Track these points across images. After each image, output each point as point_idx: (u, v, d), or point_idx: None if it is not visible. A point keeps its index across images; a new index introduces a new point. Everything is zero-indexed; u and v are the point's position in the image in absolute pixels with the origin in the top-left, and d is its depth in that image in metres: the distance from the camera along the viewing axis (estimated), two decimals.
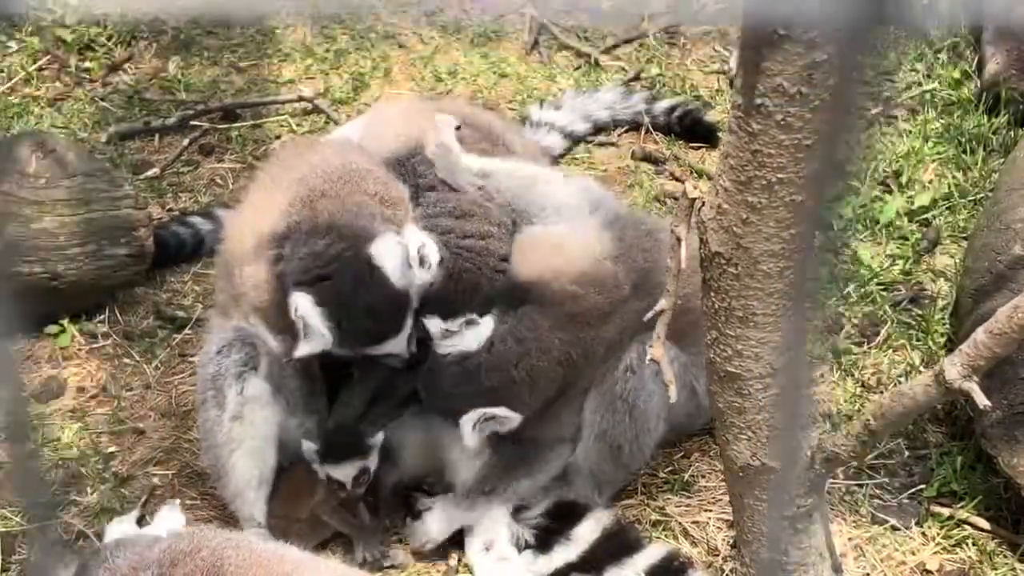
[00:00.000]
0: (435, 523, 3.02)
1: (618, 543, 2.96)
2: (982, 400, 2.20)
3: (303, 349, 2.85)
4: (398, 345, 2.92)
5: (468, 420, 2.84)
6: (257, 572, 2.34)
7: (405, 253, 2.91)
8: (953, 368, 2.24)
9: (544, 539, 3.02)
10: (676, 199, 3.69)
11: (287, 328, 2.96)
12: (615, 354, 3.00)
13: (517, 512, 3.03)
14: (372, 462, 2.98)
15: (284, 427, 3.04)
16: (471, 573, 3.00)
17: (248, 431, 2.98)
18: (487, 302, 2.99)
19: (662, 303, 2.48)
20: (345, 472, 2.95)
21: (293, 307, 2.84)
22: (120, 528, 2.66)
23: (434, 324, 2.90)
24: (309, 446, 2.98)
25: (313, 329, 2.82)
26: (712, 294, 2.31)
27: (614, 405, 3.00)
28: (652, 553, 2.93)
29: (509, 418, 2.88)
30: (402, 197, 3.09)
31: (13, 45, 4.58)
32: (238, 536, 2.57)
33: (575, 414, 3.06)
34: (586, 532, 2.99)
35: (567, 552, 2.98)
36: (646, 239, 3.09)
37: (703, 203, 2.28)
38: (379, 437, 2.99)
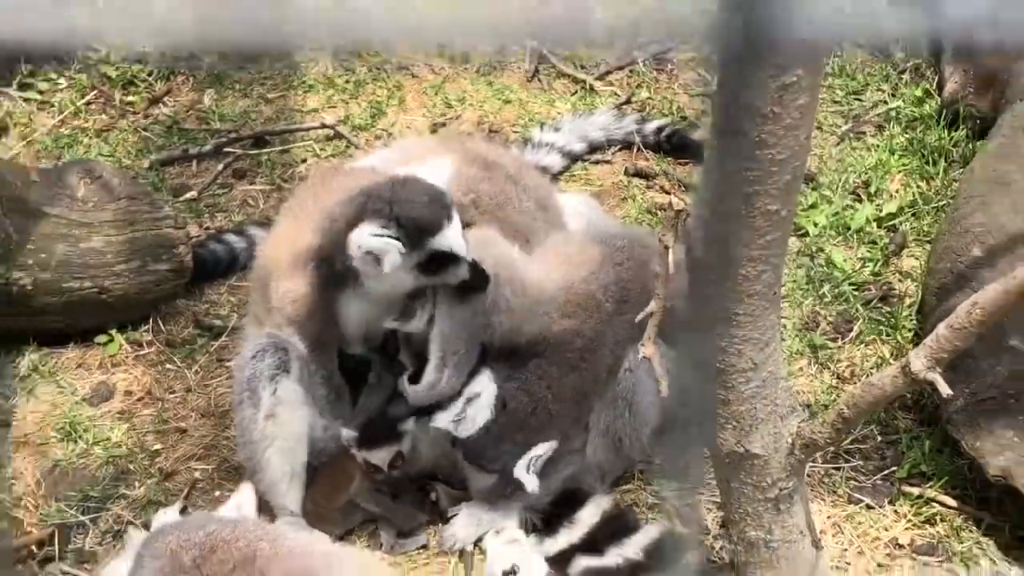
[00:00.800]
0: (462, 529, 3.04)
1: (617, 525, 2.96)
2: (945, 389, 2.20)
3: (387, 267, 2.81)
4: (456, 239, 2.84)
5: (520, 469, 2.87)
6: (284, 562, 2.35)
7: None
8: (918, 360, 2.24)
9: (550, 523, 3.02)
10: (665, 210, 3.70)
11: (320, 336, 2.97)
12: (617, 364, 3.00)
13: None
14: (405, 447, 2.99)
15: (313, 426, 3.04)
16: (484, 554, 3.00)
17: (281, 429, 2.98)
18: (484, 366, 2.95)
19: (652, 305, 2.47)
20: (381, 456, 2.97)
21: (356, 246, 2.80)
22: (165, 518, 2.65)
23: (442, 419, 2.90)
24: (348, 433, 2.99)
25: (382, 248, 2.78)
26: (697, 297, 2.31)
27: (615, 403, 3.01)
28: (648, 534, 2.93)
29: (550, 448, 2.89)
30: None
31: (63, 82, 4.59)
32: (274, 529, 2.57)
33: (584, 430, 3.05)
34: (588, 516, 2.99)
35: (571, 534, 2.98)
36: (630, 251, 3.08)
37: (688, 214, 2.28)
38: (410, 423, 2.98)
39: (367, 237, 2.78)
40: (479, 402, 2.87)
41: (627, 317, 2.91)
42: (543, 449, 2.88)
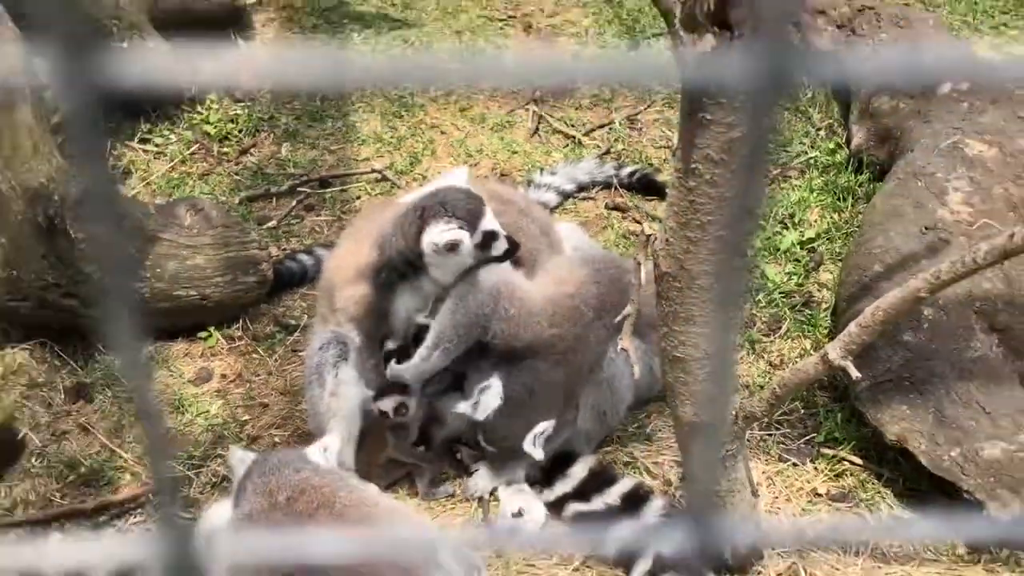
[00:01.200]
0: (481, 480, 3.03)
1: (600, 478, 2.95)
2: (854, 373, 2.20)
3: (463, 252, 2.86)
4: (494, 220, 2.91)
5: (528, 443, 2.86)
6: (356, 509, 2.33)
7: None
8: (833, 351, 2.24)
9: (548, 477, 3.01)
10: (636, 236, 3.69)
11: (373, 331, 2.98)
12: (598, 359, 3.00)
13: None
14: (410, 401, 2.97)
15: (365, 401, 3.04)
16: (497, 501, 3.00)
17: (341, 404, 2.98)
18: (493, 365, 2.93)
19: (628, 309, 2.47)
20: (386, 404, 2.96)
21: (430, 245, 2.83)
22: (241, 455, 2.56)
23: (462, 406, 2.89)
24: (368, 393, 3.00)
25: (455, 239, 2.82)
26: (663, 302, 2.31)
27: (599, 385, 3.01)
28: (624, 485, 2.92)
29: (549, 426, 2.88)
30: None
31: (173, 137, 4.61)
32: (351, 482, 2.53)
33: (575, 407, 3.04)
34: (578, 471, 2.98)
35: (564, 485, 2.97)
36: (608, 270, 3.08)
37: (655, 238, 2.28)
38: (416, 387, 2.98)
39: (439, 235, 2.81)
40: (490, 392, 2.86)
41: (604, 322, 2.92)
42: (543, 427, 2.87)
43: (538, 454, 2.87)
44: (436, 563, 2.27)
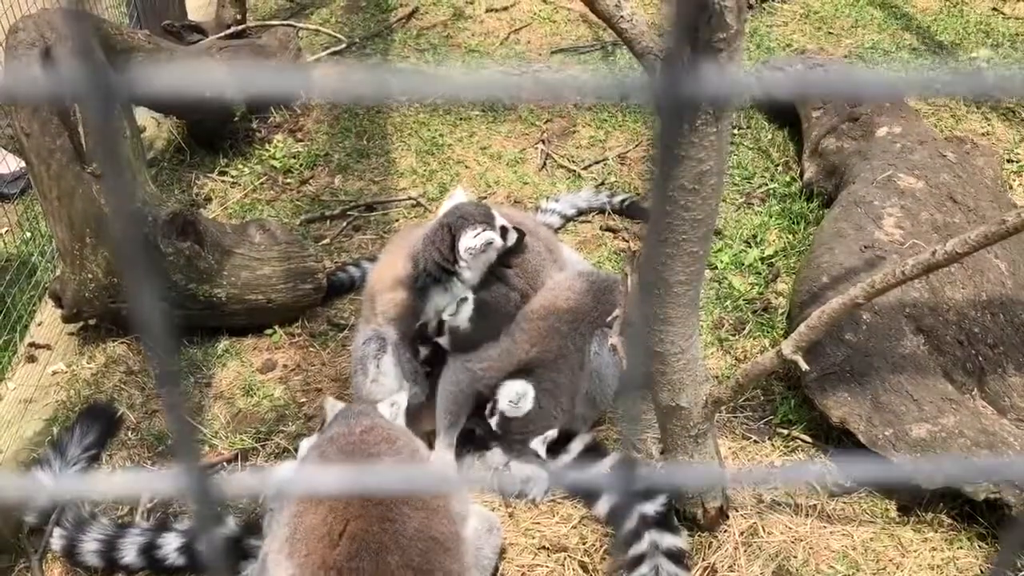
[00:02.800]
0: (497, 455, 3.02)
1: (594, 452, 2.95)
2: (804, 366, 2.20)
3: (495, 250, 2.92)
4: (502, 217, 2.98)
5: (536, 444, 2.87)
6: (410, 447, 2.40)
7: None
8: (787, 347, 2.23)
9: (553, 450, 3.01)
10: (625, 252, 3.70)
11: (408, 329, 2.99)
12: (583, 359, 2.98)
13: None
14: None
15: (401, 387, 3.04)
16: (510, 470, 2.99)
17: (381, 389, 2.99)
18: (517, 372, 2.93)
19: (616, 312, 2.48)
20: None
21: (466, 250, 2.85)
22: (308, 443, 2.63)
23: (503, 402, 2.88)
24: (404, 383, 3.02)
25: (488, 239, 2.86)
26: (645, 306, 2.31)
27: (590, 374, 3.00)
28: (614, 457, 2.92)
29: (554, 433, 2.90)
30: None
31: (246, 170, 4.64)
32: (409, 433, 2.58)
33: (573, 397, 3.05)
34: (576, 446, 2.96)
35: (565, 459, 2.97)
36: (600, 283, 3.08)
37: (639, 254, 2.28)
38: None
39: (472, 240, 2.84)
40: (526, 397, 2.87)
41: (581, 328, 2.91)
42: (551, 434, 2.88)
43: (543, 453, 2.87)
44: (463, 498, 2.36)
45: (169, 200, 3.49)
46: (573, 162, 4.68)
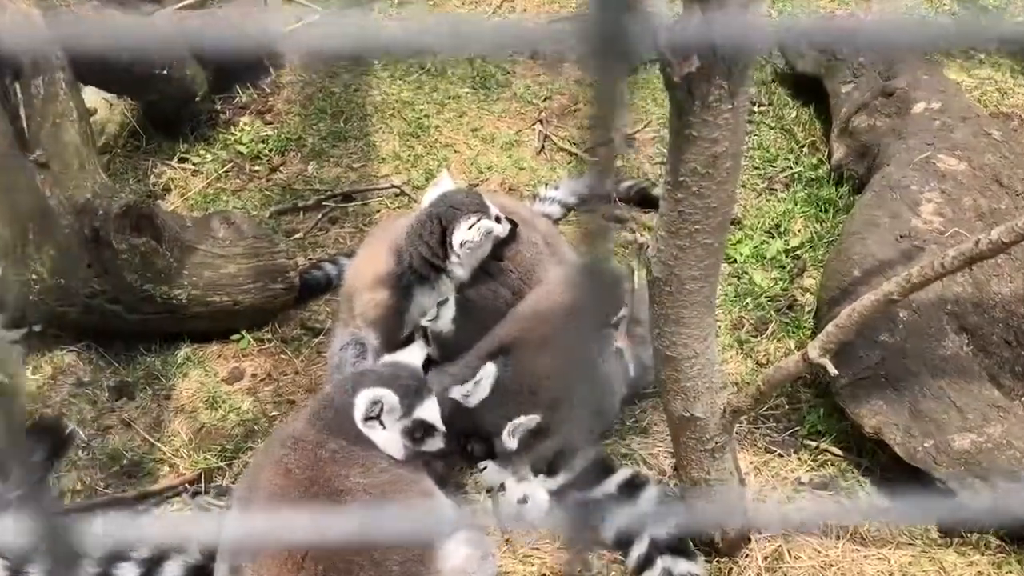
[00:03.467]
0: (491, 474, 3.00)
1: (599, 468, 2.93)
2: (832, 370, 2.18)
3: (494, 238, 2.97)
4: (494, 205, 3.03)
5: (506, 433, 2.85)
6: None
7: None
8: (814, 350, 2.22)
9: (552, 468, 2.99)
10: (632, 244, 3.68)
11: (388, 333, 2.98)
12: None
13: None
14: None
15: None
16: (505, 491, 2.98)
17: None
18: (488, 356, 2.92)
19: (623, 311, 2.46)
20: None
21: (460, 242, 2.89)
22: None
23: (457, 391, 2.86)
24: None
25: (487, 227, 2.90)
26: (655, 305, 2.30)
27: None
28: (622, 474, 2.90)
29: (531, 419, 2.85)
30: None
31: (209, 156, 4.61)
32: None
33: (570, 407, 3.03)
34: (579, 462, 2.96)
35: (567, 476, 2.95)
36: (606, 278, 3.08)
37: (648, 246, 2.27)
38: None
39: (467, 231, 2.84)
40: (485, 382, 2.85)
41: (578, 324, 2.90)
42: (522, 420, 2.84)
43: (511, 443, 2.84)
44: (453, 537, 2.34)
45: (123, 191, 3.47)
46: (574, 144, 4.66)
